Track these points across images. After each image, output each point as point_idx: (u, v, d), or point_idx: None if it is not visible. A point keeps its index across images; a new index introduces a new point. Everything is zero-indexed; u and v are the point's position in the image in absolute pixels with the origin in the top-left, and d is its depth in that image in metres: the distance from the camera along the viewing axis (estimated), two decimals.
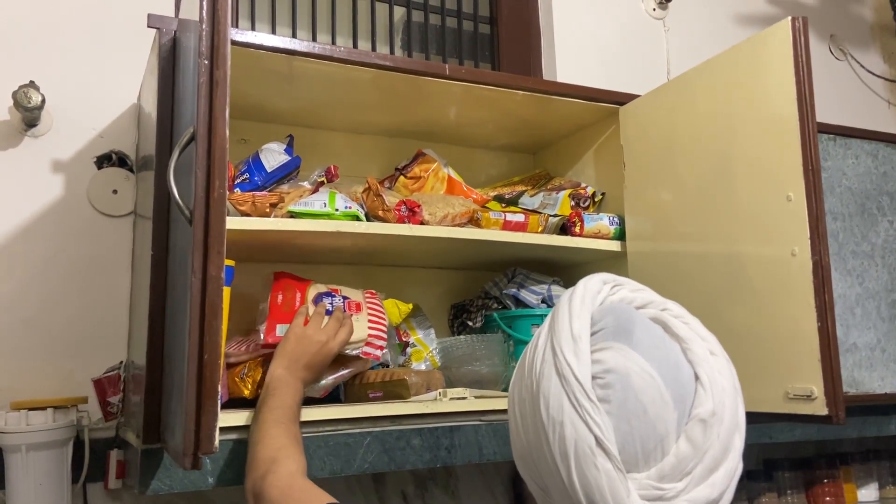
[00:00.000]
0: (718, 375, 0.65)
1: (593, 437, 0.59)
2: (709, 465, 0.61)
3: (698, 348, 0.66)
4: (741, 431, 0.64)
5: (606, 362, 0.62)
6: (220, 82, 0.78)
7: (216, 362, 0.75)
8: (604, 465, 0.59)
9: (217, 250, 0.76)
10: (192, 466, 0.74)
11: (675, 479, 0.60)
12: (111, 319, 1.37)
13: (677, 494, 0.60)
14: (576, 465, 0.60)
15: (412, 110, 1.50)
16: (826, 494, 1.84)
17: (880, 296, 1.55)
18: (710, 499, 0.61)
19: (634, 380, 0.61)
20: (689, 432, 0.61)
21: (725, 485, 0.62)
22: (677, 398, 0.62)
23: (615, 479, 0.59)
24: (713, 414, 0.62)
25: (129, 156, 1.43)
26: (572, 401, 0.61)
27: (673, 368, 0.63)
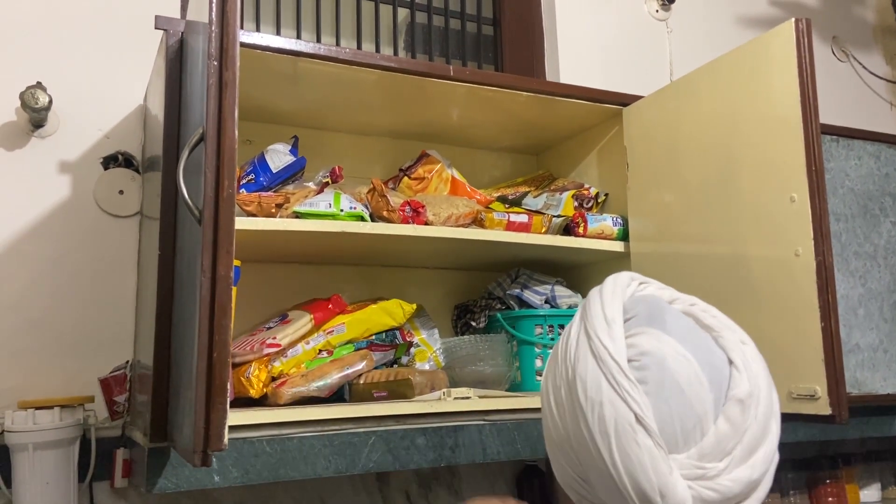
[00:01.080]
0: (752, 361, 0.65)
1: (633, 415, 0.59)
2: (749, 446, 0.61)
3: (730, 336, 0.66)
4: (777, 418, 0.64)
5: (641, 346, 0.63)
6: (230, 83, 0.78)
7: (225, 361, 0.75)
8: (645, 442, 0.59)
9: (226, 250, 0.77)
10: (202, 463, 0.74)
11: (715, 458, 0.60)
12: (117, 319, 1.37)
13: (719, 474, 0.60)
14: (617, 443, 0.60)
15: (416, 111, 1.51)
16: (828, 495, 1.85)
17: (883, 297, 1.55)
18: (751, 479, 0.61)
19: (670, 362, 0.62)
20: (727, 412, 0.61)
21: (765, 467, 0.62)
22: (713, 380, 0.62)
23: (657, 456, 0.59)
24: (750, 395, 0.62)
25: (135, 157, 1.44)
26: (610, 380, 0.61)
27: (707, 352, 0.64)
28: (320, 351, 1.30)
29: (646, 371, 0.62)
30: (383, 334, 1.39)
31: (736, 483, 0.60)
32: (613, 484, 0.61)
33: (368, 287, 1.58)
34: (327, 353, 1.31)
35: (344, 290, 1.55)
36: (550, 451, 0.69)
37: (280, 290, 1.50)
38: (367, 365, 1.29)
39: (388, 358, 1.38)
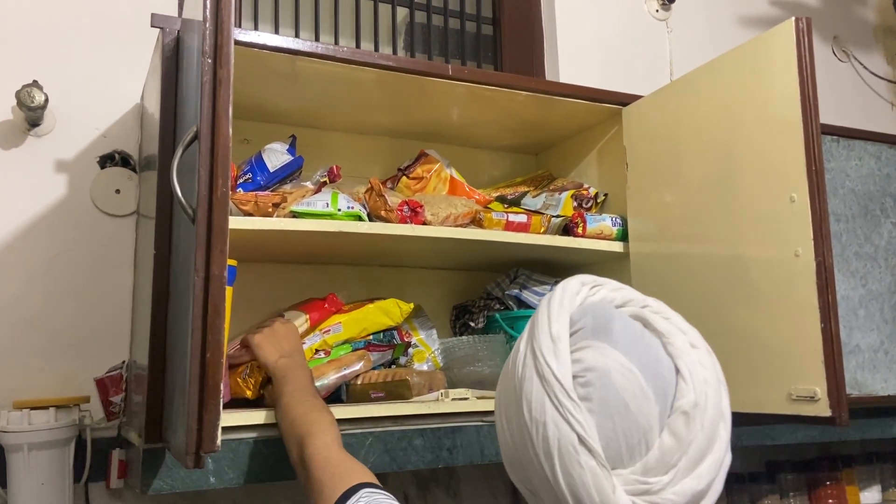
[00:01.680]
0: (700, 367, 0.65)
1: (576, 436, 0.60)
2: (694, 457, 0.61)
3: (679, 342, 0.66)
4: (726, 422, 0.64)
5: (586, 361, 0.63)
6: (224, 81, 0.78)
7: (219, 361, 0.75)
8: (588, 463, 0.59)
9: (220, 249, 0.76)
10: (195, 465, 0.74)
11: (660, 472, 0.60)
12: (113, 319, 1.37)
13: (664, 487, 0.60)
14: (560, 464, 0.60)
15: (415, 111, 1.50)
16: (828, 497, 1.84)
17: (883, 297, 1.54)
18: (696, 490, 0.61)
19: (615, 377, 0.62)
20: (671, 425, 0.61)
21: (712, 476, 0.62)
22: (658, 391, 0.62)
23: (600, 476, 0.59)
24: (695, 405, 0.62)
25: (132, 156, 1.43)
26: (553, 401, 0.61)
27: (653, 362, 0.64)
28: (317, 351, 1.29)
29: (590, 388, 0.62)
30: (381, 334, 1.38)
31: (680, 496, 0.60)
32: (558, 501, 0.61)
33: (367, 287, 1.57)
34: (324, 353, 1.30)
35: (342, 291, 1.54)
36: (505, 462, 0.70)
37: (277, 290, 1.50)
38: (364, 365, 1.28)
39: (385, 358, 1.37)
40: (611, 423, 0.61)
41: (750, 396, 1.12)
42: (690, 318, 1.25)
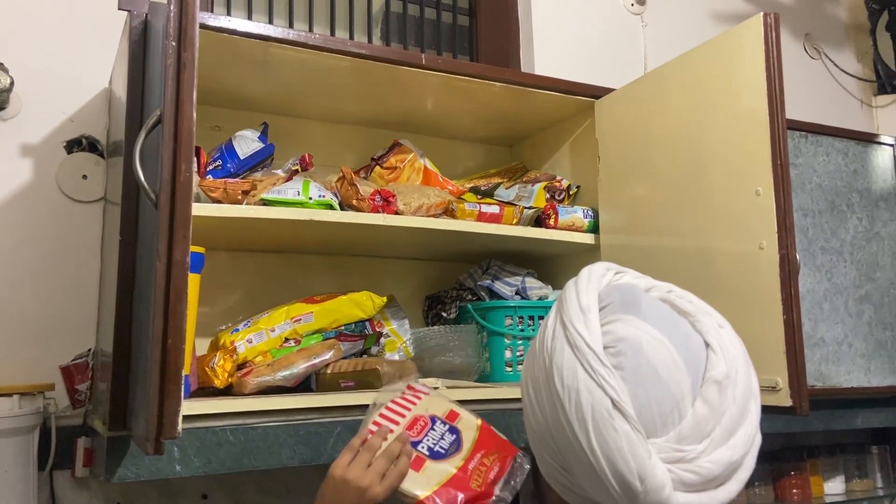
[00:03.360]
0: (729, 344, 0.66)
1: (609, 400, 0.60)
2: (728, 427, 0.61)
3: (706, 321, 0.67)
4: (756, 399, 0.65)
5: (617, 332, 0.63)
6: (188, 64, 0.77)
7: (180, 347, 0.74)
8: (622, 427, 0.59)
9: (182, 234, 0.75)
10: (155, 452, 0.73)
11: (694, 440, 0.60)
12: (80, 306, 1.35)
13: (698, 455, 0.60)
14: (594, 429, 0.60)
15: (389, 100, 1.50)
16: (793, 487, 1.87)
17: (848, 291, 1.57)
18: (731, 460, 0.61)
19: (646, 347, 0.62)
20: (704, 394, 0.61)
21: (746, 448, 0.63)
22: (689, 363, 0.62)
23: (635, 441, 0.59)
24: (727, 376, 0.62)
25: (99, 141, 1.41)
26: (586, 367, 0.61)
27: (683, 337, 0.64)
28: (287, 339, 1.29)
29: (622, 357, 0.62)
30: (353, 325, 1.38)
31: (716, 465, 0.60)
32: (593, 471, 0.61)
33: (340, 277, 1.57)
34: (295, 342, 1.30)
35: (315, 280, 1.54)
36: (532, 442, 0.69)
37: (250, 278, 1.49)
38: (334, 354, 1.28)
39: (356, 348, 1.37)
40: (643, 391, 0.60)
41: None
42: None
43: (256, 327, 1.28)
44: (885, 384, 1.58)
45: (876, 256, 1.63)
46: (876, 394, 1.58)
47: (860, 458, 2.02)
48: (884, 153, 1.70)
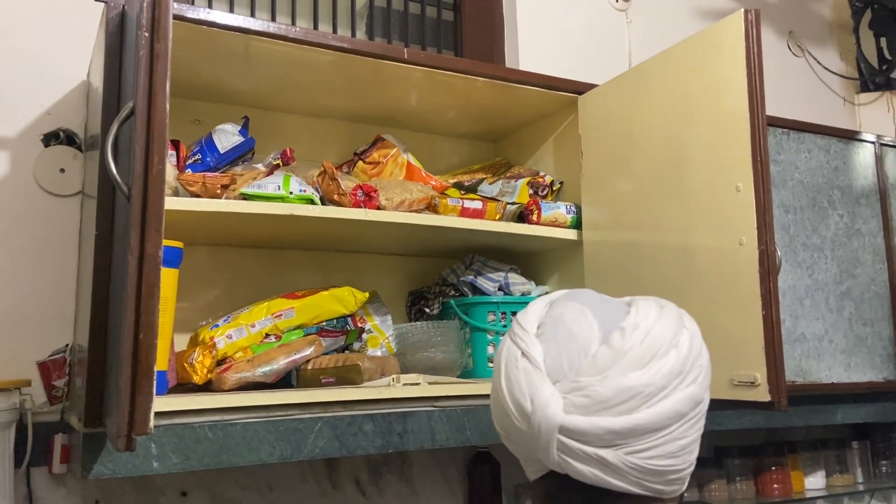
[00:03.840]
0: (654, 309, 0.68)
1: (519, 350, 0.68)
2: (628, 365, 0.64)
3: (645, 300, 0.71)
4: (679, 351, 0.66)
5: (549, 315, 0.71)
6: (161, 55, 0.76)
7: (152, 343, 0.73)
8: (524, 366, 0.66)
9: (155, 228, 0.74)
10: (126, 448, 0.72)
11: (591, 374, 0.64)
12: (57, 301, 1.33)
13: (592, 384, 0.64)
14: (505, 374, 0.68)
15: (372, 95, 1.49)
16: (774, 482, 1.89)
17: (829, 287, 1.58)
18: (625, 385, 0.63)
19: (566, 316, 0.69)
20: (608, 338, 0.66)
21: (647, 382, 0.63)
22: (604, 322, 0.67)
23: (531, 372, 0.66)
24: (635, 326, 0.66)
25: (77, 134, 1.39)
26: (512, 337, 0.70)
27: (606, 307, 0.70)
28: (267, 335, 1.28)
29: (545, 327, 0.69)
30: (334, 321, 1.37)
31: (607, 388, 0.63)
32: (503, 409, 0.68)
33: (322, 272, 1.56)
34: (275, 337, 1.29)
35: (297, 275, 1.53)
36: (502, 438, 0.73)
37: (229, 274, 1.48)
38: (315, 350, 1.27)
39: (338, 344, 1.36)
40: (555, 345, 0.66)
41: None
42: None
43: (236, 323, 1.27)
44: (865, 380, 1.59)
45: (857, 253, 1.64)
46: (856, 389, 1.59)
47: (841, 454, 2.04)
48: (865, 150, 1.71)
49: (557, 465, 0.65)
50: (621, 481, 0.64)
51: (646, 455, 0.63)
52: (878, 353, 1.62)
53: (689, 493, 1.83)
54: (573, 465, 0.64)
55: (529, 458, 0.68)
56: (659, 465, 0.64)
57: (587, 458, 0.63)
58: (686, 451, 0.66)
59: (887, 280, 1.67)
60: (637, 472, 0.64)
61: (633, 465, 0.63)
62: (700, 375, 0.67)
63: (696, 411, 0.66)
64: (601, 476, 0.63)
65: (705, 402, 0.68)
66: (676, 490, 0.67)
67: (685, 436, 0.65)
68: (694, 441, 0.67)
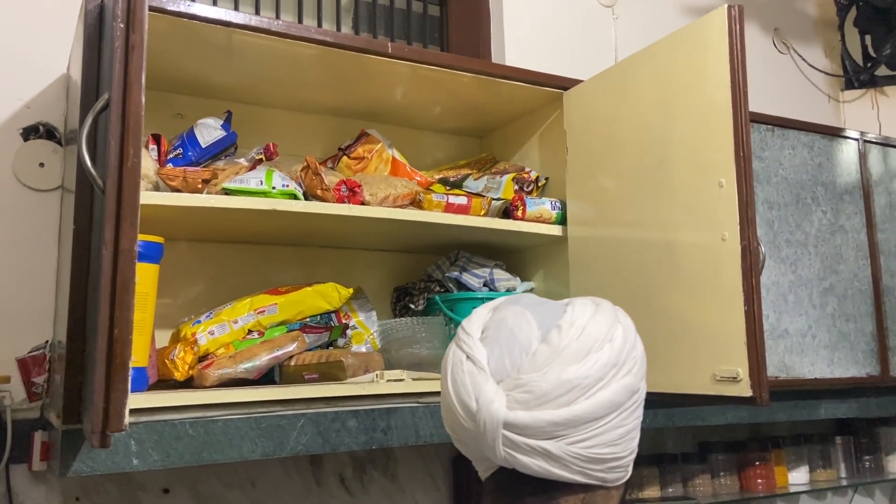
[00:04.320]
0: (590, 308, 0.72)
1: (465, 354, 0.70)
2: (566, 361, 0.67)
3: (582, 300, 0.74)
4: (614, 345, 0.69)
5: (493, 319, 0.74)
6: (137, 46, 0.75)
7: (127, 338, 0.72)
8: (469, 368, 0.69)
9: (130, 222, 0.73)
10: (101, 445, 0.71)
11: (532, 371, 0.67)
12: (37, 297, 1.32)
13: (532, 380, 0.66)
14: (451, 378, 0.70)
15: (356, 90, 1.48)
16: (758, 476, 1.90)
17: (812, 283, 1.59)
18: (564, 378, 0.66)
19: (508, 319, 0.71)
20: (546, 336, 0.69)
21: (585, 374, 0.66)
22: (543, 322, 0.70)
23: (475, 373, 0.68)
24: (571, 323, 0.69)
25: (57, 128, 1.38)
26: (458, 343, 0.72)
27: (546, 310, 0.72)
28: (250, 331, 1.27)
29: (488, 332, 0.72)
30: (318, 317, 1.36)
31: (546, 382, 0.66)
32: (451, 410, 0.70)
33: (306, 268, 1.55)
34: (258, 333, 1.28)
35: (280, 272, 1.52)
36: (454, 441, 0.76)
37: (213, 269, 1.47)
38: (298, 346, 1.27)
39: (322, 340, 1.36)
40: (498, 346, 0.69)
41: (677, 377, 1.15)
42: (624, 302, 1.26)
43: (219, 319, 1.26)
44: (848, 375, 1.60)
45: (840, 249, 1.65)
46: (839, 385, 1.60)
47: (824, 449, 2.05)
48: (849, 147, 1.72)
49: (504, 461, 0.67)
50: (565, 471, 0.67)
51: (587, 444, 0.66)
52: (860, 349, 1.63)
53: (674, 488, 1.83)
54: (519, 459, 0.66)
55: (479, 457, 0.72)
56: (600, 453, 0.67)
57: (532, 451, 0.66)
58: (626, 439, 0.69)
59: (870, 276, 1.68)
60: (580, 462, 0.67)
61: (576, 455, 0.66)
62: (635, 367, 0.70)
63: (632, 400, 0.69)
64: (546, 468, 0.66)
65: (642, 392, 0.72)
66: (620, 478, 0.71)
67: (624, 424, 0.68)
68: (633, 429, 0.70)
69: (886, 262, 1.72)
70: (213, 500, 1.42)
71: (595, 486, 0.69)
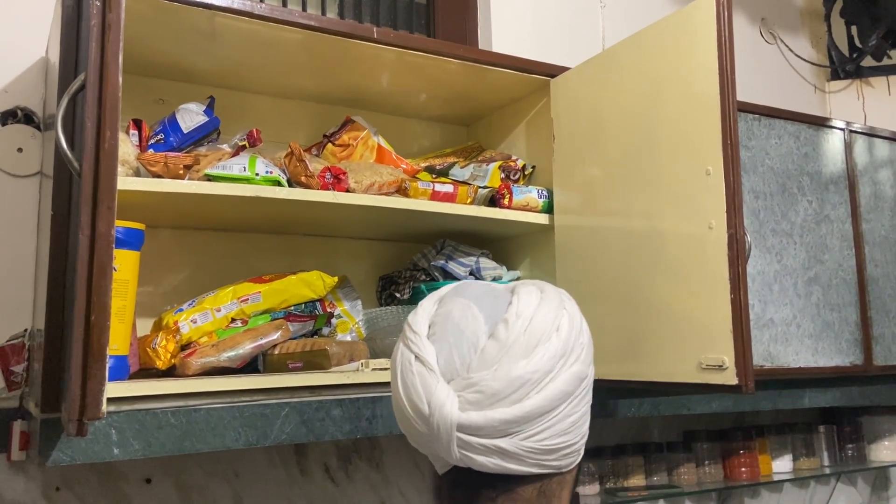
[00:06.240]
0: (535, 296, 0.71)
1: (413, 355, 0.69)
2: (516, 356, 0.66)
3: (527, 289, 0.73)
4: (560, 334, 0.69)
5: (438, 313, 0.72)
6: (114, 25, 0.73)
7: (104, 324, 0.71)
8: (419, 369, 0.68)
9: (107, 206, 0.72)
10: (77, 433, 0.70)
11: (482, 369, 0.67)
12: (15, 285, 1.29)
13: (482, 379, 0.66)
14: (401, 379, 0.69)
15: (341, 76, 1.46)
16: (742, 465, 1.91)
17: (797, 273, 1.60)
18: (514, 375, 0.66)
19: (454, 313, 0.70)
20: (494, 332, 0.68)
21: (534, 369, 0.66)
22: (489, 315, 0.70)
23: (426, 375, 0.67)
24: (517, 315, 0.68)
25: (35, 112, 1.35)
26: (405, 341, 0.71)
27: (492, 298, 0.72)
28: (233, 320, 1.25)
29: (435, 327, 0.71)
30: (302, 305, 1.35)
31: (497, 381, 0.66)
32: (403, 414, 0.70)
33: (291, 257, 1.54)
34: (241, 322, 1.26)
35: (264, 260, 1.50)
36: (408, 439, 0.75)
37: (196, 257, 1.45)
38: (282, 335, 1.25)
39: (306, 329, 1.34)
40: (446, 344, 0.68)
41: (662, 366, 1.15)
42: (610, 291, 1.27)
43: (201, 307, 1.24)
44: (832, 364, 1.61)
45: (825, 239, 1.66)
46: (823, 374, 1.61)
47: (807, 437, 2.07)
48: (834, 137, 1.72)
49: (460, 461, 0.67)
50: (520, 465, 0.67)
51: (540, 437, 0.67)
52: (844, 338, 1.64)
53: (659, 477, 1.84)
54: (474, 459, 0.67)
55: (434, 455, 0.71)
56: (553, 444, 0.67)
57: (486, 450, 0.66)
58: (577, 425, 0.70)
59: (854, 266, 1.69)
60: (534, 455, 0.67)
61: (529, 449, 0.66)
62: (582, 353, 0.70)
63: (581, 387, 0.70)
64: (501, 464, 0.67)
65: (590, 377, 0.72)
66: (573, 462, 0.71)
67: (574, 412, 0.69)
68: (584, 414, 0.71)
69: (871, 252, 1.73)
70: (196, 491, 1.41)
71: (549, 475, 0.70)
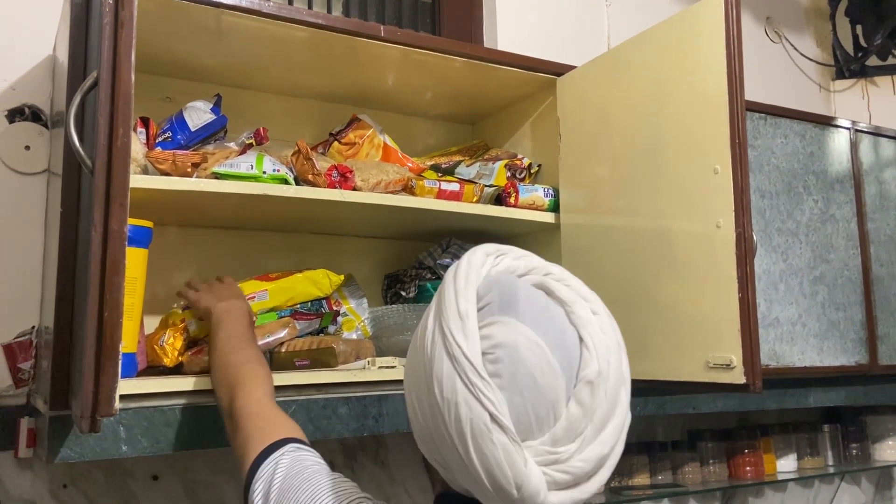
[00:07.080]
0: (602, 335, 0.66)
1: (488, 415, 0.60)
2: (598, 424, 0.63)
3: (581, 310, 0.67)
4: (626, 385, 0.66)
5: (495, 337, 0.63)
6: (126, 23, 0.73)
7: (117, 321, 0.71)
8: (500, 440, 0.60)
9: (120, 203, 0.72)
10: (90, 430, 0.70)
11: (567, 441, 0.62)
12: (23, 282, 1.30)
13: (571, 455, 0.62)
14: (473, 443, 0.61)
15: (348, 74, 1.46)
16: (746, 464, 1.91)
17: (803, 272, 1.60)
18: (601, 455, 0.63)
19: (523, 352, 0.63)
20: (577, 395, 0.63)
21: (615, 439, 0.65)
22: (564, 363, 0.64)
23: (511, 451, 0.61)
24: (599, 374, 0.64)
25: (43, 110, 1.35)
26: (464, 380, 0.61)
27: (559, 334, 0.65)
28: None
29: (499, 364, 0.62)
30: (309, 303, 1.35)
31: (586, 462, 0.63)
32: (472, 477, 0.62)
33: (297, 255, 1.54)
34: None
35: (271, 258, 1.51)
36: (416, 438, 0.70)
37: (203, 255, 1.45)
38: (289, 333, 1.26)
39: (312, 327, 1.35)
40: (520, 397, 0.62)
41: (669, 365, 1.15)
42: (616, 290, 1.27)
43: None
44: (837, 364, 1.61)
45: (830, 238, 1.66)
46: (828, 373, 1.61)
47: (812, 437, 2.07)
48: (840, 136, 1.72)
49: None
50: None
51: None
52: (850, 338, 1.64)
53: (664, 475, 1.84)
54: None
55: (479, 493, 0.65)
56: None
57: None
58: None
59: (860, 265, 1.69)
60: None
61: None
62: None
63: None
64: None
65: None
66: None
67: None
68: None
69: (876, 252, 1.73)
70: (203, 488, 1.41)
71: None
